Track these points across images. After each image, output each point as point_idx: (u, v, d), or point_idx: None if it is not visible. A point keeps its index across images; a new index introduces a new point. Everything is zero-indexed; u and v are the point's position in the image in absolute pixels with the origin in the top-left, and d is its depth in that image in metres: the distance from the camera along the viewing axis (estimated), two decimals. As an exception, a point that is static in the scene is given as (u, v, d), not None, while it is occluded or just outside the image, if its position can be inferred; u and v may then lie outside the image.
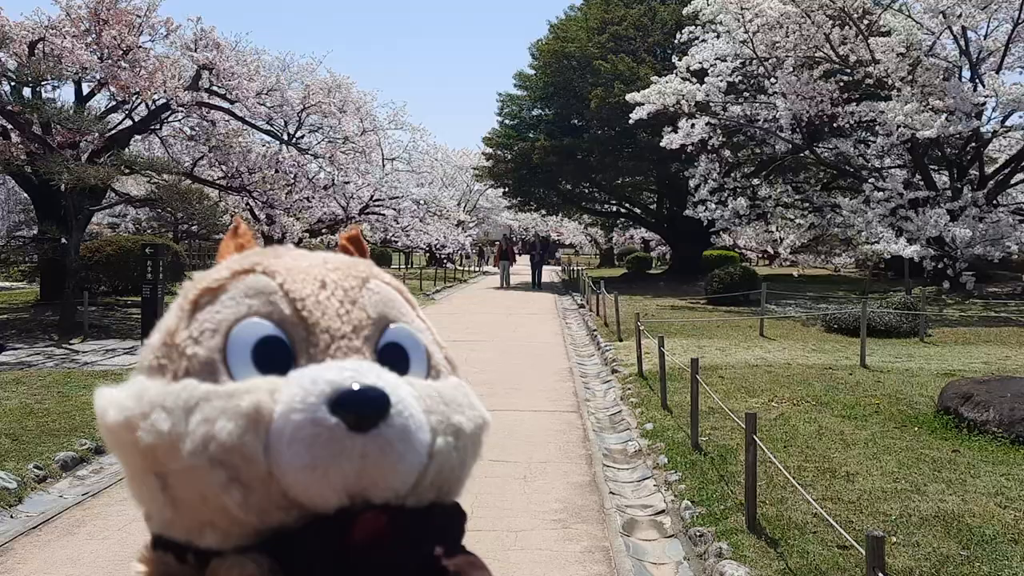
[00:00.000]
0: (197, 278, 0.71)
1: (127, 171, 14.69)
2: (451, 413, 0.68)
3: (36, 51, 13.91)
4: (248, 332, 0.65)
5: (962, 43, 19.70)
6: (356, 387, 0.60)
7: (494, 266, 35.03)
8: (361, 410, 0.60)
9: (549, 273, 34.63)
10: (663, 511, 5.65)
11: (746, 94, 22.53)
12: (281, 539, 0.61)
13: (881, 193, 18.83)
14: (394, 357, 0.69)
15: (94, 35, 14.19)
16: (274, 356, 0.65)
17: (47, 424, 7.40)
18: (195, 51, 16.25)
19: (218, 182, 18.47)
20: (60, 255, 14.33)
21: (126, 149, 16.08)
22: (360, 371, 0.63)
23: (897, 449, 6.50)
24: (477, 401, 0.73)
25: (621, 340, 13.44)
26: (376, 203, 29.97)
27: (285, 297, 0.67)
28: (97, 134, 13.66)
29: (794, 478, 4.98)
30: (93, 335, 13.46)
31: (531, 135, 29.64)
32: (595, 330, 15.34)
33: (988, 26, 20.53)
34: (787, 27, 19.62)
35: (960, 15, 18.01)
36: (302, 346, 0.66)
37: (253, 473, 0.60)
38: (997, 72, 19.41)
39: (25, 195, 18.41)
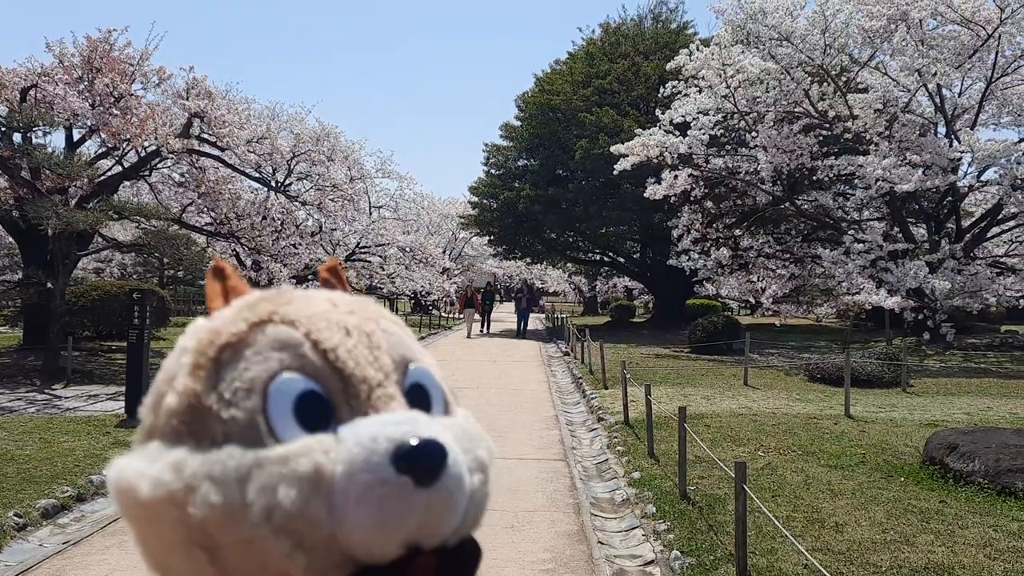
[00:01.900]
0: (212, 332, 0.68)
1: (115, 216, 14.70)
2: (476, 448, 0.69)
3: (28, 97, 14.01)
4: (286, 389, 0.64)
5: (937, 100, 20.22)
6: (415, 442, 0.61)
7: (458, 315, 34.33)
8: (425, 466, 0.60)
9: (533, 321, 34.56)
10: (652, 561, 5.62)
11: (728, 147, 22.94)
12: None
13: (861, 245, 19.11)
14: (418, 397, 0.70)
15: (87, 82, 14.33)
16: (315, 411, 0.63)
17: (28, 471, 7.29)
18: (187, 99, 16.41)
19: (206, 228, 18.51)
20: (45, 300, 14.24)
21: (115, 195, 16.11)
22: (414, 423, 0.63)
23: (885, 499, 6.53)
24: (482, 429, 0.74)
25: (606, 388, 13.46)
26: (362, 250, 30.09)
27: (314, 348, 0.66)
28: (86, 179, 13.70)
29: (784, 528, 4.99)
30: (76, 380, 13.31)
31: (516, 184, 29.91)
32: (580, 378, 15.34)
33: (962, 84, 21.08)
34: (767, 83, 20.09)
35: (935, 73, 18.54)
36: (340, 398, 0.65)
37: (317, 537, 0.59)
38: (972, 128, 19.91)
39: (10, 239, 18.31)
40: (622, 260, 34.60)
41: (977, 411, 11.37)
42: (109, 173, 17.03)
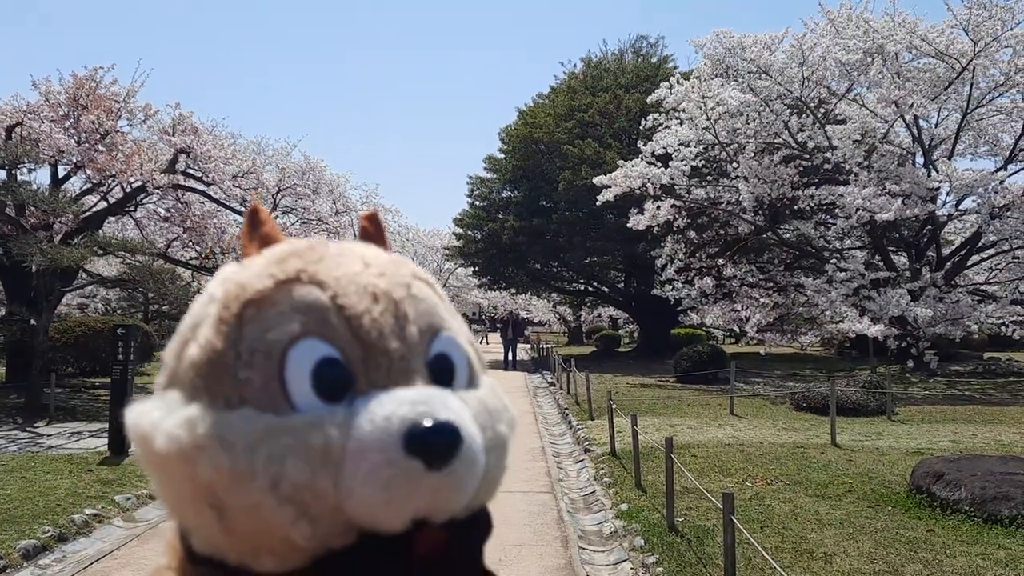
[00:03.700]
0: (239, 286, 0.66)
1: (100, 252, 14.64)
2: (496, 424, 0.69)
3: (13, 135, 14.01)
4: (305, 355, 0.62)
5: (914, 131, 20.55)
6: (429, 423, 0.60)
7: None
8: (438, 449, 0.59)
9: (519, 351, 34.34)
10: (642, 595, 5.60)
11: (709, 177, 23.16)
12: (338, 557, 0.61)
13: (843, 273, 19.29)
14: (442, 368, 0.68)
15: (72, 119, 14.36)
16: (333, 379, 0.62)
17: (9, 511, 7.19)
18: (173, 135, 16.46)
19: (191, 263, 18.48)
20: (28, 337, 14.11)
21: (100, 230, 16.06)
22: (431, 403, 0.61)
23: (873, 529, 6.54)
24: (506, 399, 0.73)
25: (593, 419, 13.43)
26: (348, 282, 29.90)
27: (339, 314, 0.64)
28: (71, 216, 13.67)
29: (773, 560, 4.99)
30: (59, 418, 13.14)
31: (500, 216, 30.04)
32: (566, 408, 15.30)
33: (939, 115, 21.46)
34: (747, 115, 20.37)
35: (911, 105, 18.86)
36: (360, 368, 0.63)
37: (322, 508, 0.59)
38: (949, 158, 20.24)
39: (-7, 276, 18.16)
40: (606, 290, 34.68)
41: (962, 439, 11.42)
42: (94, 209, 17.00)
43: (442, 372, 0.68)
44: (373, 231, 0.79)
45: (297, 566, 0.62)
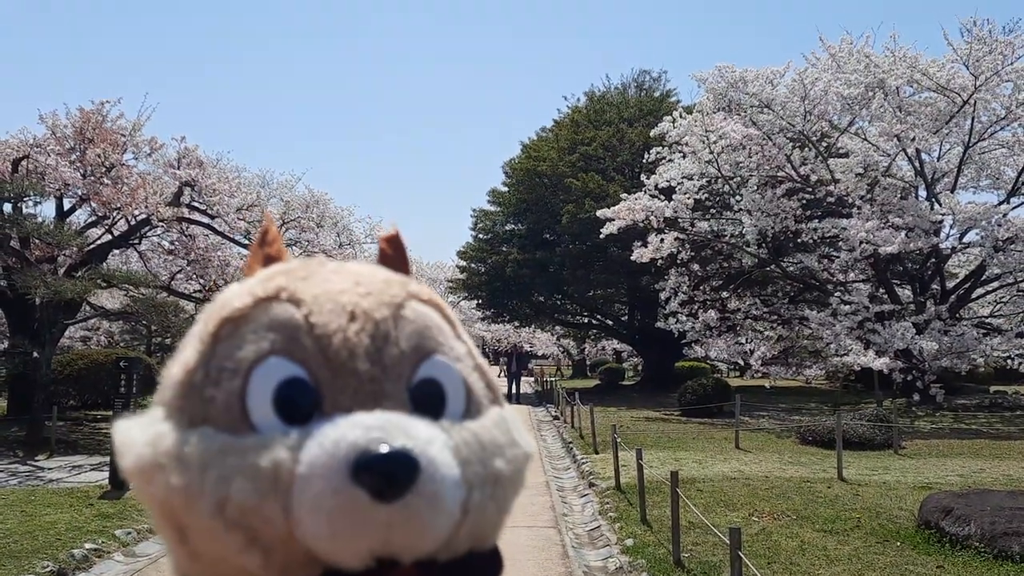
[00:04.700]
0: (219, 305, 0.65)
1: (104, 285, 14.68)
2: (490, 459, 0.63)
3: (20, 168, 14.12)
4: (270, 374, 0.60)
5: (917, 164, 20.64)
6: (384, 450, 0.55)
7: None
8: (386, 479, 0.55)
9: (523, 384, 34.15)
10: (648, 632, 5.52)
11: (713, 210, 23.26)
12: None
13: (847, 306, 19.25)
14: (429, 394, 0.64)
15: (79, 153, 14.48)
16: (298, 400, 0.59)
17: (8, 546, 7.14)
18: (178, 168, 16.60)
19: (195, 295, 18.52)
20: (31, 369, 14.10)
21: (104, 263, 16.12)
22: (387, 429, 0.57)
23: (881, 565, 6.45)
24: (519, 433, 0.68)
25: (597, 452, 13.35)
26: (351, 315, 29.90)
27: (310, 332, 0.61)
28: (75, 248, 13.73)
29: (780, 596, 4.92)
30: (60, 451, 13.08)
31: (504, 248, 30.12)
32: (571, 442, 15.21)
33: (940, 149, 21.56)
34: (750, 148, 20.49)
35: (913, 139, 18.98)
36: (328, 390, 0.60)
37: (273, 535, 0.56)
38: (952, 191, 20.29)
39: (-4, 309, 18.21)
40: (610, 323, 34.64)
41: (970, 473, 11.31)
42: (98, 242, 17.07)
43: (428, 398, 0.63)
44: (392, 253, 0.77)
45: None
